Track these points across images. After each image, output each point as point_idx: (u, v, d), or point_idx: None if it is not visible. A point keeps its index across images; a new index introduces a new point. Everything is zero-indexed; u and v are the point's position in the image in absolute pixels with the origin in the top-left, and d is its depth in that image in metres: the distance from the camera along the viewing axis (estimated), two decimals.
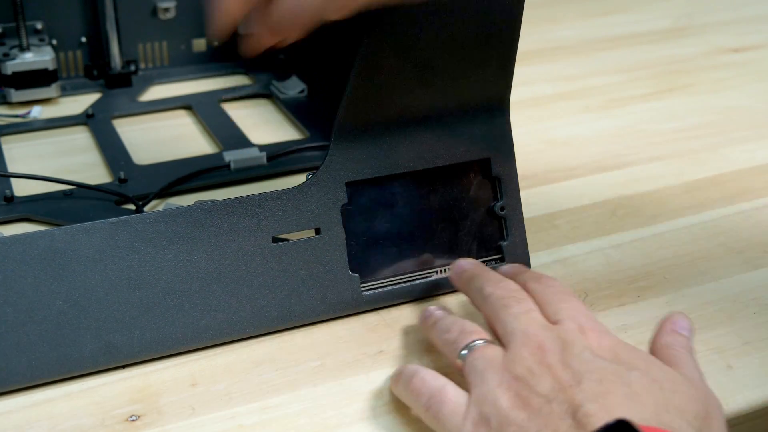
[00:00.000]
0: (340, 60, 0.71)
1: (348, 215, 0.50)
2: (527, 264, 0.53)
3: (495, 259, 0.53)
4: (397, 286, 0.51)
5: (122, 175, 0.62)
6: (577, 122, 0.75)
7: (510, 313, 0.43)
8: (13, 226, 0.57)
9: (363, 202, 0.50)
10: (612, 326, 0.50)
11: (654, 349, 0.43)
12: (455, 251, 0.52)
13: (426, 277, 0.52)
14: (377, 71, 0.48)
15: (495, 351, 0.42)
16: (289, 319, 0.49)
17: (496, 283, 0.46)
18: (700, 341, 0.49)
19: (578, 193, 0.64)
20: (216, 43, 0.79)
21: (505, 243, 0.53)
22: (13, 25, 0.71)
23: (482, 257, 0.53)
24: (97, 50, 0.76)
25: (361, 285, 0.50)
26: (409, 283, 0.51)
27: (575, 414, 0.37)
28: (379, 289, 0.51)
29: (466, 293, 0.48)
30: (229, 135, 0.69)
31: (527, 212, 0.56)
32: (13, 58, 0.71)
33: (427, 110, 0.51)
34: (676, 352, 0.42)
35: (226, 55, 0.81)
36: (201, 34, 0.80)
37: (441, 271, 0.52)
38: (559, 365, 0.39)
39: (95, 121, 0.70)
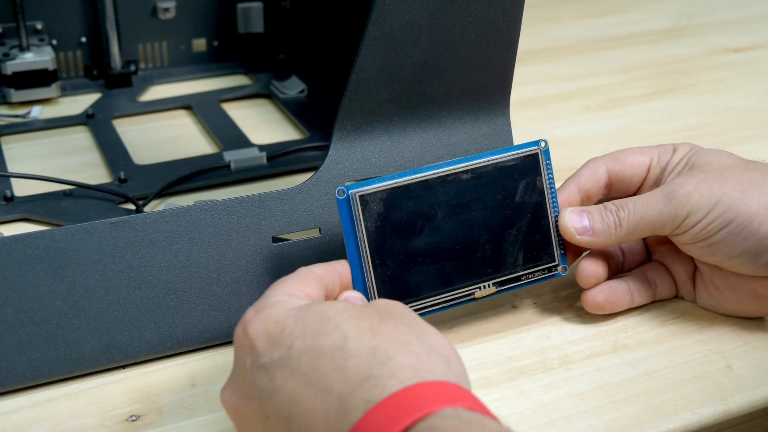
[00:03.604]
0: (340, 60, 0.71)
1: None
2: None
3: None
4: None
5: (122, 175, 0.62)
6: (577, 122, 0.75)
7: None
8: (13, 226, 0.57)
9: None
10: (612, 326, 0.50)
11: None
12: None
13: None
14: (377, 71, 0.48)
15: None
16: None
17: None
18: (700, 341, 0.49)
19: None
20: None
21: None
22: (13, 25, 0.71)
23: None
24: (97, 50, 0.76)
25: None
26: None
27: None
28: None
29: None
30: (229, 135, 0.69)
31: None
32: (13, 58, 0.71)
33: (427, 110, 0.51)
34: None
35: (226, 55, 0.81)
36: (201, 34, 0.80)
37: None
38: None
39: (95, 121, 0.70)
